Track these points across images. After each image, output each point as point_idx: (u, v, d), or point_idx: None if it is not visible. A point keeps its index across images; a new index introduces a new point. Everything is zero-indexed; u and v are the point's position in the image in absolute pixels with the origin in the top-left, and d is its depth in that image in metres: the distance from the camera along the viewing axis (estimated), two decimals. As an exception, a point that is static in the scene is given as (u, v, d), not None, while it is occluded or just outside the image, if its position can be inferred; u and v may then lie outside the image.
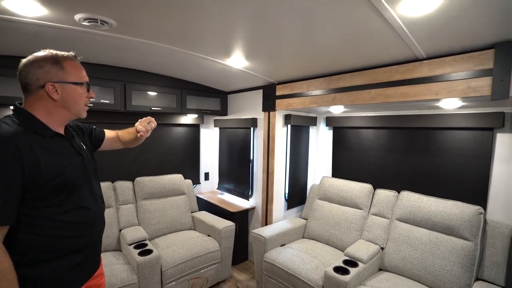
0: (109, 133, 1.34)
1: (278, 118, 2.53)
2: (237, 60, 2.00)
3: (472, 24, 1.19)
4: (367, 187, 2.32)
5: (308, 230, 2.51)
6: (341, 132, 2.68)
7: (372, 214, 2.22)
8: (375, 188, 2.34)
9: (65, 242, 0.93)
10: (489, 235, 1.70)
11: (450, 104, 1.67)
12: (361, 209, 2.29)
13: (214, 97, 3.10)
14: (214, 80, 2.73)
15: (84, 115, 1.04)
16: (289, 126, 2.65)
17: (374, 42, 1.45)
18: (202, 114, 3.06)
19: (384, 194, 2.22)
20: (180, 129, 3.19)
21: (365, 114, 2.44)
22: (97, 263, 1.12)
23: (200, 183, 3.45)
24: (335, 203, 2.45)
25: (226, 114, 3.24)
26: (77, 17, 1.33)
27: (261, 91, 2.63)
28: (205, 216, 2.76)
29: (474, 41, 1.33)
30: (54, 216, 0.91)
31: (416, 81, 1.55)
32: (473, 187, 1.89)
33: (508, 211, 1.77)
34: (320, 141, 2.91)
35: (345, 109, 2.32)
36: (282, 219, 2.67)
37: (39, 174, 0.85)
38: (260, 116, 2.70)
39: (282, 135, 2.59)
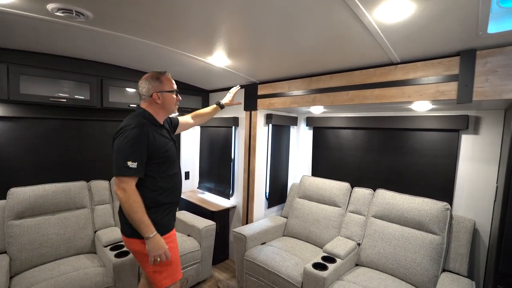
0: (181, 119, 1.81)
1: (260, 118, 2.55)
2: (219, 59, 1.99)
3: (441, 32, 1.28)
4: (345, 185, 2.40)
5: (289, 228, 2.56)
6: (321, 132, 2.75)
7: (350, 212, 2.30)
8: (352, 187, 2.42)
9: (164, 196, 1.38)
10: (454, 229, 1.83)
11: (421, 107, 1.78)
12: (339, 207, 2.36)
13: (196, 95, 3.07)
14: (196, 78, 2.70)
15: (176, 112, 1.53)
16: (270, 125, 2.67)
17: (352, 45, 1.50)
18: (183, 112, 3.01)
19: (361, 192, 2.31)
20: (159, 127, 3.12)
21: (344, 115, 2.52)
22: (175, 217, 1.56)
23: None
24: (314, 201, 2.51)
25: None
26: (50, 6, 1.26)
27: (243, 90, 2.64)
28: (185, 216, 2.73)
29: (443, 48, 1.42)
30: (162, 177, 1.37)
31: (391, 84, 1.64)
32: (441, 184, 2.02)
33: (470, 206, 1.91)
34: (301, 141, 2.97)
35: (325, 110, 2.38)
36: (263, 218, 2.70)
37: (155, 148, 1.33)
38: (242, 115, 2.71)
39: (263, 134, 2.61)
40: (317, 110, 2.36)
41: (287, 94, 2.22)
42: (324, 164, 2.73)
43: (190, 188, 3.49)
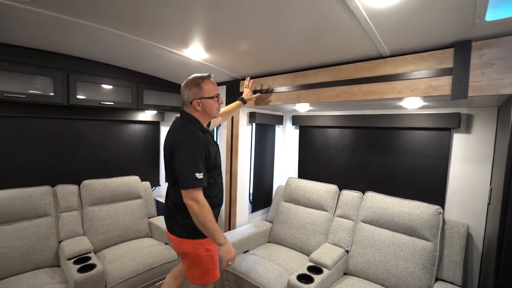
0: None
1: (242, 116, 2.39)
2: (195, 52, 1.82)
3: (433, 20, 1.15)
4: (332, 188, 2.27)
5: (273, 234, 2.40)
6: (307, 131, 2.61)
7: (338, 216, 2.17)
8: (340, 189, 2.29)
9: (215, 199, 1.44)
10: (447, 234, 1.72)
11: (412, 104, 1.66)
12: (326, 211, 2.23)
13: (176, 93, 2.87)
14: (174, 74, 2.52)
15: (217, 116, 1.51)
16: (253, 124, 2.52)
17: (339, 35, 1.37)
18: (162, 110, 2.82)
19: (349, 195, 2.18)
20: (137, 126, 2.92)
21: (331, 113, 2.39)
22: None
23: (160, 185, 3.20)
24: (300, 205, 2.37)
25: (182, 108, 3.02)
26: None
27: (224, 87, 2.47)
28: (163, 222, 2.52)
29: (435, 39, 1.30)
30: (210, 182, 1.40)
31: (380, 79, 1.51)
32: (432, 185, 1.92)
33: (463, 209, 1.81)
34: (287, 141, 2.83)
35: (311, 108, 2.25)
36: (247, 223, 2.54)
37: (209, 156, 1.35)
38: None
39: (246, 134, 2.46)
40: (302, 108, 2.22)
41: (271, 90, 2.07)
42: (311, 165, 2.60)
43: (171, 192, 3.28)
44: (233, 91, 2.39)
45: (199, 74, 1.40)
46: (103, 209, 2.34)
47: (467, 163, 1.81)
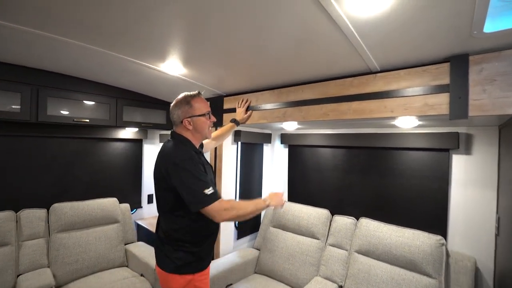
0: (204, 141, 1.59)
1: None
2: (173, 66, 1.69)
3: (425, 32, 1.03)
4: (324, 213, 2.08)
5: (261, 264, 2.18)
6: (297, 150, 2.46)
7: (330, 245, 1.97)
8: (333, 214, 2.11)
9: (208, 227, 1.28)
10: (452, 269, 1.53)
11: (407, 123, 1.52)
12: (317, 238, 2.03)
13: (159, 109, 2.72)
14: (156, 89, 2.38)
15: (210, 136, 1.39)
16: (239, 143, 2.36)
17: (324, 48, 1.24)
18: (144, 128, 2.66)
19: (342, 222, 1.99)
20: (117, 144, 2.74)
21: (322, 132, 2.25)
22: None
23: (142, 207, 2.98)
24: (290, 232, 2.17)
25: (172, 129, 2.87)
26: None
27: (207, 104, 2.33)
28: (141, 249, 2.31)
29: (429, 53, 1.18)
30: None
31: (370, 96, 1.37)
32: (433, 212, 1.74)
33: (467, 239, 1.63)
34: (276, 160, 2.66)
35: (300, 126, 2.10)
36: (232, 251, 2.32)
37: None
38: (209, 131, 2.39)
39: (231, 154, 2.29)
40: (290, 126, 2.08)
41: (255, 108, 1.93)
42: (301, 186, 2.42)
43: (155, 214, 3.06)
44: (217, 108, 2.24)
45: (189, 92, 1.32)
46: (74, 236, 2.12)
47: (469, 187, 1.65)
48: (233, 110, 2.10)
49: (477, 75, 1.10)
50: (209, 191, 1.14)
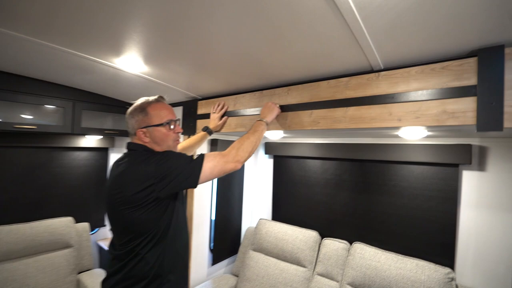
0: None
1: (202, 145, 1.91)
2: (131, 63, 1.37)
3: (445, 16, 0.76)
4: (312, 235, 1.79)
5: (238, 295, 1.86)
6: (283, 162, 2.16)
7: (318, 274, 1.67)
8: (322, 237, 1.82)
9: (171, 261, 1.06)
10: (466, 312, 1.26)
11: (414, 134, 1.25)
12: (304, 266, 1.73)
13: (123, 113, 2.36)
14: (120, 91, 2.03)
15: (174, 150, 1.14)
16: (216, 154, 2.04)
17: (312, 35, 0.95)
18: (109, 135, 2.29)
19: (332, 246, 1.70)
20: (76, 154, 2.36)
21: (311, 141, 1.97)
22: None
23: (105, 225, 2.59)
24: (272, 257, 1.86)
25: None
26: None
27: (180, 108, 2.00)
28: (96, 281, 1.93)
29: (449, 44, 0.91)
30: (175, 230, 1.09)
31: (372, 100, 1.09)
32: (438, 238, 1.48)
33: (480, 272, 1.38)
34: (259, 173, 2.35)
35: (286, 134, 1.81)
36: (205, 279, 1.98)
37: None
38: (180, 139, 2.05)
39: (206, 165, 1.96)
40: (275, 135, 1.78)
41: (233, 113, 1.62)
42: (287, 203, 2.12)
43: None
44: (190, 114, 1.92)
45: (149, 98, 1.12)
46: (7, 269, 1.72)
47: (483, 209, 1.39)
48: (207, 116, 1.78)
49: (515, 74, 0.83)
50: (192, 157, 1.03)
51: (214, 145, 1.94)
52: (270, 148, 2.18)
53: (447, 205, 1.46)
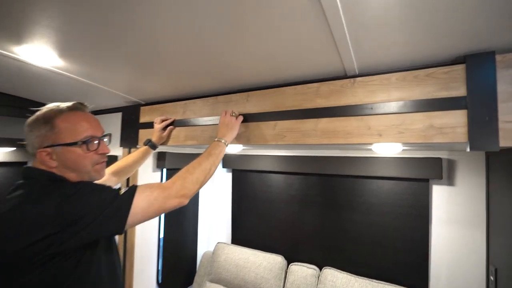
0: None
1: (147, 159, 1.58)
2: (38, 53, 1.01)
3: (430, 15, 0.62)
4: (277, 261, 1.58)
5: None
6: (243, 176, 1.92)
7: (286, 308, 1.46)
8: (289, 261, 1.62)
9: None
10: None
11: (389, 149, 1.11)
12: (269, 299, 1.50)
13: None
14: (36, 91, 1.60)
15: (99, 176, 0.83)
16: (164, 170, 1.72)
17: (283, 27, 0.74)
18: (22, 146, 1.80)
19: (301, 273, 1.51)
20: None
21: (274, 153, 1.77)
22: None
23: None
24: (233, 290, 1.60)
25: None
26: None
27: (119, 115, 1.65)
28: None
29: (434, 48, 0.77)
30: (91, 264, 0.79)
31: (347, 111, 0.91)
32: (411, 257, 1.38)
33: (452, 294, 1.30)
34: (216, 189, 2.08)
35: (246, 147, 1.58)
36: (152, 323, 1.63)
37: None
38: (119, 153, 1.69)
39: (152, 184, 1.63)
40: (233, 148, 1.54)
41: (182, 123, 1.34)
42: (248, 223, 1.88)
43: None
44: (131, 122, 1.58)
45: (60, 104, 0.80)
46: None
47: (453, 226, 1.33)
48: (151, 126, 1.47)
49: (509, 84, 0.72)
50: (114, 189, 0.74)
51: (161, 159, 1.63)
52: (228, 161, 1.93)
53: (418, 222, 1.37)
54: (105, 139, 0.85)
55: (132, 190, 0.73)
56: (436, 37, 0.72)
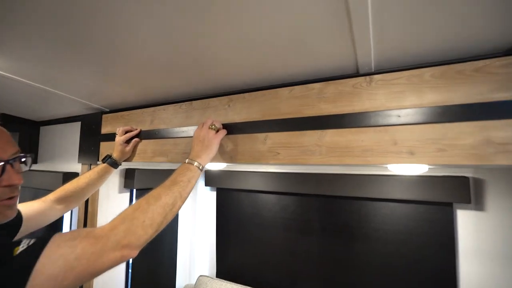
0: (28, 211, 0.77)
1: (112, 176, 1.30)
2: None
3: None
4: (270, 302, 1.30)
5: None
6: (228, 196, 1.66)
7: None
8: (283, 301, 1.34)
9: None
10: None
11: (411, 169, 0.87)
12: None
13: (10, 130, 1.61)
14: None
15: (7, 216, 0.58)
16: (134, 191, 1.44)
17: (284, 4, 0.49)
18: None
19: (298, 319, 1.23)
20: None
21: (264, 169, 1.52)
22: None
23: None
24: None
25: (36, 162, 1.77)
26: None
27: (79, 124, 1.38)
28: None
29: (485, 33, 0.54)
30: None
31: (362, 120, 0.67)
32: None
33: None
34: (199, 212, 1.80)
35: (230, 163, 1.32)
36: None
37: None
38: (76, 167, 1.40)
39: (118, 207, 1.35)
40: (216, 165, 1.27)
41: (149, 134, 1.08)
42: (235, 252, 1.61)
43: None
44: (91, 133, 1.31)
45: None
46: None
47: (482, 260, 1.08)
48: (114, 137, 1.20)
49: None
50: (24, 245, 0.46)
51: (130, 177, 1.35)
52: (211, 178, 1.67)
53: (442, 255, 1.13)
54: (22, 163, 0.60)
55: (37, 245, 0.46)
56: (491, 14, 0.49)
